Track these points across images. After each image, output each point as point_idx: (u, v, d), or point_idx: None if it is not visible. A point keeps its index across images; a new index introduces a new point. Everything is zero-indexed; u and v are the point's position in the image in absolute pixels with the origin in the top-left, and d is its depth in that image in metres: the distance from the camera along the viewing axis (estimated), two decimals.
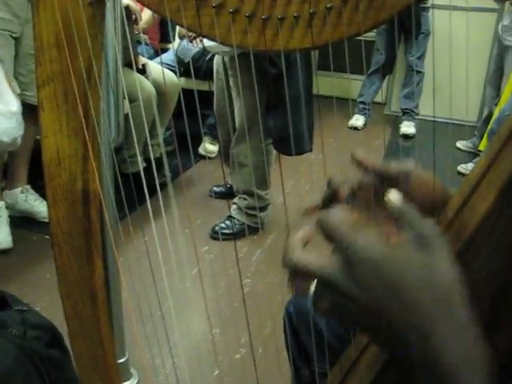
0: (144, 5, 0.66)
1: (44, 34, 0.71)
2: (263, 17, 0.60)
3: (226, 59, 2.51)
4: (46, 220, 2.81)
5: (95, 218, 0.78)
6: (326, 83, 4.68)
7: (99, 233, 0.78)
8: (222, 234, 2.60)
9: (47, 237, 2.51)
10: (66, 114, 0.74)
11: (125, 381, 1.78)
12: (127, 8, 2.85)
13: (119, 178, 0.96)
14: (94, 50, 0.70)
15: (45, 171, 0.77)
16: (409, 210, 0.51)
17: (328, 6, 0.58)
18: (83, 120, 0.73)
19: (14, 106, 1.97)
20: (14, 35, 2.38)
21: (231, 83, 2.53)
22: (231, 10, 0.61)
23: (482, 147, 3.94)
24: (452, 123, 3.75)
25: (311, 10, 0.58)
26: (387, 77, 4.90)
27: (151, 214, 0.78)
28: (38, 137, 2.49)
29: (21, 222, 2.70)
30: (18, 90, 2.33)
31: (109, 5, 0.72)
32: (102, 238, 0.81)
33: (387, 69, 4.66)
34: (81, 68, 0.70)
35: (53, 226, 0.79)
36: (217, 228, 2.62)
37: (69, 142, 0.75)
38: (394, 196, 0.52)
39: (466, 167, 3.65)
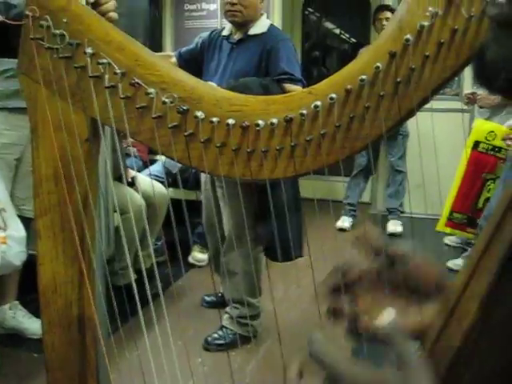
0: (137, 140, 0.71)
1: (42, 168, 0.75)
2: (248, 150, 0.64)
3: None
4: (35, 337, 2.70)
5: (90, 343, 0.78)
6: (308, 186, 4.79)
7: (94, 358, 0.79)
8: (215, 344, 2.56)
9: (36, 355, 2.44)
10: (63, 242, 0.76)
11: None
12: None
13: (111, 291, 0.97)
14: (90, 182, 0.74)
15: (40, 298, 0.79)
16: (396, 334, 0.51)
17: (308, 138, 0.63)
18: (79, 248, 0.75)
19: (23, 231, 2.05)
20: (15, 157, 2.45)
21: (219, 194, 2.59)
22: (218, 145, 0.66)
23: (440, 227, 3.94)
24: (437, 219, 3.81)
25: (292, 143, 0.63)
26: (371, 177, 5.03)
27: (144, 326, 0.78)
28: (29, 251, 2.49)
29: (8, 339, 2.63)
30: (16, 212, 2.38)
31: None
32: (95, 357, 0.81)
33: (370, 170, 4.80)
34: (77, 199, 0.74)
35: (48, 352, 0.80)
36: (209, 339, 2.58)
37: (65, 269, 0.77)
38: (387, 315, 0.53)
39: (455, 263, 3.67)
